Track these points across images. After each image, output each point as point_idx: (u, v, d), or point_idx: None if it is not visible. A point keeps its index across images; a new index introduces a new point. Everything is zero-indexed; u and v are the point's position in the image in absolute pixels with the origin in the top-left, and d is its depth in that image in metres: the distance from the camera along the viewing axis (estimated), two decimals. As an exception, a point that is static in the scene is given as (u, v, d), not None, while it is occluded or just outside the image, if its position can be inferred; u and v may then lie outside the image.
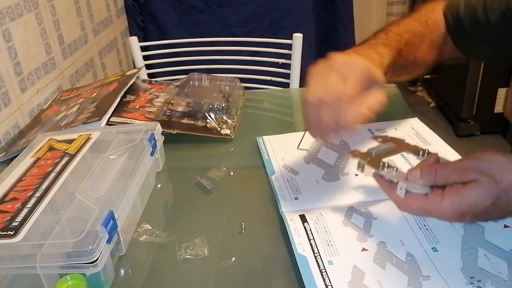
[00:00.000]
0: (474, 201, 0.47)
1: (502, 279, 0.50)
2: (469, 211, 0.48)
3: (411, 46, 0.71)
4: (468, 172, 0.48)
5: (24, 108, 0.98)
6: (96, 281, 0.52)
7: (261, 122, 0.95)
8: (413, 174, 0.52)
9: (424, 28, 0.74)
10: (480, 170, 0.48)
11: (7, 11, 0.94)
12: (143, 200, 0.69)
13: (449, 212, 0.48)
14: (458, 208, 0.48)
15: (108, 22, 1.51)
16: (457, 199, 0.48)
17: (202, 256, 0.58)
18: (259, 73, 1.44)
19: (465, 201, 0.47)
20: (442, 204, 0.48)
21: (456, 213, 0.48)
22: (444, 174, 0.50)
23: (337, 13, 2.03)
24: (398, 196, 0.52)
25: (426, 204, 0.50)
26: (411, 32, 0.72)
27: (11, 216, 0.57)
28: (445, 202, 0.48)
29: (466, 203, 0.48)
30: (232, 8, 1.71)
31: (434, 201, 0.49)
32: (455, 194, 0.48)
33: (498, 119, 2.24)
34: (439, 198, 0.49)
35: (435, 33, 0.75)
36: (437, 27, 0.75)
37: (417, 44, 0.72)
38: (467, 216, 0.49)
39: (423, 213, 0.53)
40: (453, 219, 0.50)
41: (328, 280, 0.51)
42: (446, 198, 0.48)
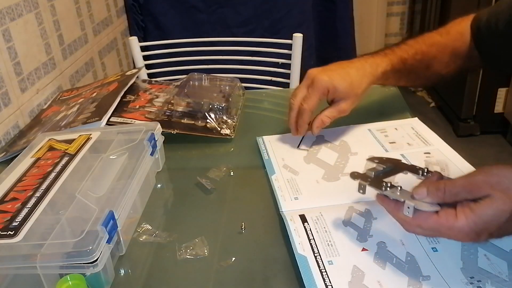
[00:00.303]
0: (490, 219, 0.45)
1: (502, 279, 0.50)
2: (485, 229, 0.46)
3: (424, 54, 0.78)
4: (479, 188, 0.46)
5: (24, 108, 0.98)
6: (96, 281, 0.52)
7: (261, 122, 0.94)
8: (419, 192, 0.49)
9: (444, 39, 0.79)
10: (491, 186, 0.46)
11: (7, 11, 0.94)
12: (143, 200, 0.69)
13: (465, 232, 0.46)
14: (473, 227, 0.46)
15: (108, 22, 1.51)
16: (472, 218, 0.46)
17: (202, 256, 0.58)
18: (259, 73, 1.44)
19: (480, 219, 0.46)
20: (456, 225, 0.46)
21: (471, 232, 0.46)
22: (454, 191, 0.48)
23: (337, 13, 2.03)
24: (406, 216, 0.50)
25: (438, 223, 0.48)
26: (427, 42, 0.79)
27: (11, 216, 0.57)
28: (459, 222, 0.46)
29: (481, 221, 0.46)
30: (232, 8, 1.71)
31: (447, 221, 0.47)
32: (468, 213, 0.46)
33: (498, 119, 2.24)
34: (452, 217, 0.47)
35: (459, 41, 0.78)
36: (461, 36, 0.78)
37: (433, 53, 0.78)
38: (483, 235, 0.47)
39: (435, 234, 0.50)
40: (468, 239, 0.47)
41: (328, 280, 0.51)
42: (460, 218, 0.46)
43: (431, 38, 0.80)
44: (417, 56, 0.78)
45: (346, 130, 0.83)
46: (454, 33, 0.79)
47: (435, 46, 0.79)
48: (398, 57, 0.78)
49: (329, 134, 0.82)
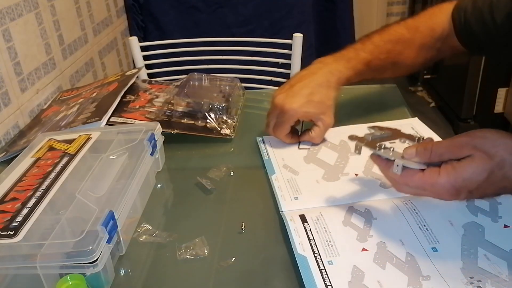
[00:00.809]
0: (469, 176, 0.49)
1: (502, 279, 0.50)
2: (464, 186, 0.49)
3: (389, 53, 0.80)
4: (462, 149, 0.50)
5: (24, 108, 0.98)
6: (96, 281, 0.52)
7: (261, 122, 0.94)
8: (409, 152, 0.53)
9: (411, 35, 0.80)
10: (474, 146, 0.49)
11: (7, 11, 0.94)
12: (143, 200, 0.69)
13: (446, 188, 0.50)
14: (453, 183, 0.49)
15: (108, 22, 1.51)
16: (453, 174, 0.49)
17: (202, 256, 0.58)
18: (259, 73, 1.44)
19: (460, 176, 0.49)
20: (438, 181, 0.50)
21: (452, 188, 0.49)
22: (439, 152, 0.51)
23: (337, 13, 2.03)
24: (395, 174, 0.54)
25: (422, 180, 0.51)
26: (393, 39, 0.80)
27: (11, 216, 0.57)
28: (441, 178, 0.50)
29: (461, 179, 0.49)
30: (232, 8, 1.71)
31: (430, 177, 0.51)
32: (450, 170, 0.49)
33: (498, 119, 2.24)
34: (435, 174, 0.50)
35: (428, 37, 0.80)
36: (431, 31, 0.79)
37: (398, 49, 0.80)
38: (463, 192, 0.50)
39: (420, 191, 0.53)
40: (449, 196, 0.51)
41: (328, 280, 0.51)
42: (442, 174, 0.50)
43: (398, 34, 0.80)
44: (382, 55, 0.79)
45: (346, 130, 0.83)
46: (424, 29, 0.80)
47: (401, 43, 0.80)
48: (362, 60, 0.78)
49: (329, 134, 0.82)
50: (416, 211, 0.60)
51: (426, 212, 0.59)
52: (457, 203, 0.61)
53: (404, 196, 0.62)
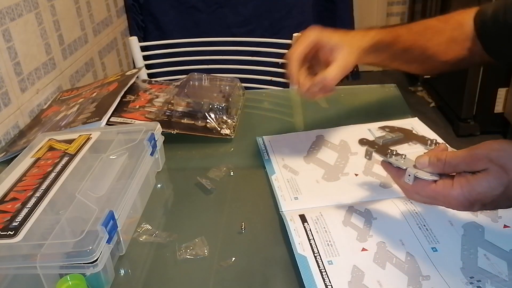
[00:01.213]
0: (484, 191, 0.47)
1: (502, 279, 0.50)
2: (479, 199, 0.48)
3: (420, 35, 0.76)
4: (478, 162, 0.48)
5: (24, 108, 0.98)
6: (96, 281, 0.52)
7: (261, 122, 0.95)
8: (421, 162, 0.52)
9: (442, 24, 0.78)
10: (490, 160, 0.47)
11: (7, 11, 0.94)
12: (143, 200, 0.69)
13: (459, 201, 0.49)
14: (468, 197, 0.48)
15: (108, 22, 1.51)
16: (467, 188, 0.48)
17: (202, 256, 0.58)
18: (259, 73, 1.44)
19: (474, 190, 0.48)
20: (452, 193, 0.49)
21: (465, 201, 0.48)
22: (454, 163, 0.50)
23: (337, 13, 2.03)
24: (406, 184, 0.53)
25: (435, 192, 0.50)
26: (423, 25, 0.78)
27: (11, 216, 0.57)
28: (454, 190, 0.48)
29: (476, 192, 0.48)
30: (232, 8, 1.71)
31: (443, 189, 0.49)
32: (464, 183, 0.48)
33: (498, 119, 2.24)
34: (449, 186, 0.49)
35: (457, 31, 0.77)
36: (460, 25, 0.77)
37: (429, 35, 0.76)
38: (476, 204, 0.49)
39: (432, 201, 0.52)
40: (462, 208, 0.50)
41: (328, 280, 0.51)
42: (456, 187, 0.48)
43: (428, 22, 0.78)
44: (411, 35, 0.76)
45: (346, 130, 0.83)
46: (453, 22, 0.78)
47: (431, 29, 0.77)
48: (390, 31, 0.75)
49: (329, 134, 0.82)
50: (416, 211, 0.60)
51: (426, 212, 0.59)
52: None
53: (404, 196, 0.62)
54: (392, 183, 0.67)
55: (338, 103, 1.00)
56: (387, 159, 0.55)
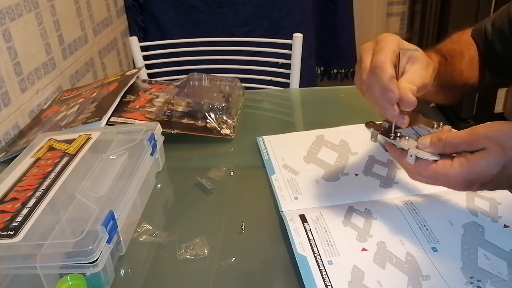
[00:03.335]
0: (482, 169, 0.48)
1: (502, 279, 0.50)
2: (477, 179, 0.49)
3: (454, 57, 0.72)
4: (477, 141, 0.49)
5: (24, 108, 0.98)
6: (96, 281, 0.52)
7: (261, 122, 0.95)
8: (423, 142, 0.53)
9: (459, 46, 0.75)
10: (490, 139, 0.48)
11: (7, 11, 0.94)
12: (143, 200, 0.69)
13: (458, 180, 0.49)
14: (466, 176, 0.49)
15: (108, 22, 1.52)
16: (465, 167, 0.49)
17: (202, 256, 0.58)
18: (259, 73, 1.44)
19: (473, 169, 0.48)
20: (451, 172, 0.49)
21: (464, 181, 0.49)
22: (454, 143, 0.50)
23: (337, 13, 2.03)
24: (409, 164, 0.53)
25: (435, 171, 0.51)
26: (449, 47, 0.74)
27: (11, 216, 0.57)
28: (453, 169, 0.49)
29: (474, 171, 0.48)
30: (232, 8, 1.71)
31: (443, 168, 0.50)
32: (463, 162, 0.49)
33: (498, 119, 2.21)
34: (448, 165, 0.50)
35: (471, 50, 0.76)
36: (471, 45, 0.76)
37: (459, 57, 0.73)
38: (475, 184, 0.49)
39: (432, 181, 0.53)
40: (461, 187, 0.50)
41: (328, 280, 0.51)
42: (455, 166, 0.49)
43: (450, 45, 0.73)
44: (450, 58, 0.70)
45: (346, 130, 0.83)
46: (465, 42, 0.76)
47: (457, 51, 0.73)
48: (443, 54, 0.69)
49: (329, 134, 0.82)
50: (416, 211, 0.60)
51: (426, 212, 0.59)
52: (457, 203, 0.61)
53: (404, 196, 0.63)
54: (392, 183, 0.67)
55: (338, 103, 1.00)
56: (391, 140, 0.56)
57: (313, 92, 1.22)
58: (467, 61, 0.74)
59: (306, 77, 1.70)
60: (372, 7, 2.68)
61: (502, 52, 0.72)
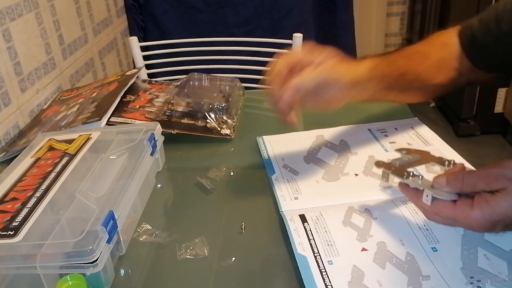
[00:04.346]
0: (505, 211, 0.46)
1: (502, 279, 0.50)
2: (500, 220, 0.47)
3: (411, 60, 0.73)
4: (496, 180, 0.47)
5: (24, 108, 0.98)
6: (96, 281, 0.52)
7: (261, 122, 0.94)
8: (439, 182, 0.50)
9: (428, 47, 0.75)
10: (509, 178, 0.47)
11: (7, 11, 0.94)
12: (143, 200, 0.69)
13: (479, 222, 0.48)
14: (488, 218, 0.47)
15: (108, 22, 1.52)
16: (487, 209, 0.47)
17: (202, 256, 0.58)
18: (259, 73, 1.44)
19: (495, 211, 0.47)
20: (472, 214, 0.47)
21: (486, 223, 0.47)
22: (471, 182, 0.49)
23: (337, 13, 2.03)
24: (425, 204, 0.51)
25: (455, 212, 0.49)
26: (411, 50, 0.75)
27: (11, 216, 0.57)
28: (474, 212, 0.47)
29: (496, 213, 0.47)
30: (232, 8, 1.71)
31: (463, 210, 0.48)
32: (484, 204, 0.47)
33: (498, 119, 2.24)
34: (469, 207, 0.48)
35: (443, 51, 0.75)
36: (445, 46, 0.75)
37: (419, 59, 0.74)
38: (498, 225, 0.48)
39: (452, 222, 0.51)
40: (483, 229, 0.49)
41: (328, 280, 0.51)
42: (476, 208, 0.47)
43: (415, 47, 0.76)
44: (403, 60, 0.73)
45: (346, 130, 0.83)
46: (438, 43, 0.76)
47: (419, 53, 0.75)
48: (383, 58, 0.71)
49: (329, 134, 0.82)
50: (416, 211, 0.60)
51: (426, 212, 0.59)
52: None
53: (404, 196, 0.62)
54: (392, 183, 0.67)
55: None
56: (404, 180, 0.54)
57: (313, 92, 1.21)
58: (432, 62, 0.74)
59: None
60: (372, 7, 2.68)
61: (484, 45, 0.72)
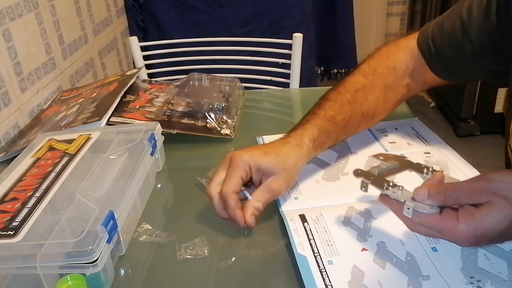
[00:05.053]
0: (490, 226, 0.46)
1: (502, 279, 0.50)
2: (485, 235, 0.46)
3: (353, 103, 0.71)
4: (480, 194, 0.47)
5: (24, 108, 0.98)
6: (96, 281, 0.52)
7: (261, 122, 0.94)
8: (420, 194, 0.49)
9: (370, 79, 0.73)
10: (493, 192, 0.46)
11: (7, 11, 0.94)
12: (143, 200, 0.69)
13: (465, 236, 0.47)
14: (474, 233, 0.46)
15: (108, 22, 1.52)
16: (472, 224, 0.46)
17: (202, 256, 0.58)
18: (259, 73, 1.44)
19: (480, 226, 0.46)
20: (457, 228, 0.47)
21: (471, 237, 0.47)
22: (454, 196, 0.48)
23: (337, 13, 2.03)
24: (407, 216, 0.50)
25: (439, 225, 0.48)
26: (351, 90, 0.72)
27: (11, 216, 0.57)
28: (460, 226, 0.47)
29: (482, 227, 0.46)
30: (232, 8, 1.71)
31: (448, 223, 0.47)
32: (469, 219, 0.46)
33: (498, 119, 2.24)
34: (454, 220, 0.47)
35: (390, 77, 0.74)
36: (393, 70, 0.74)
37: (363, 98, 0.72)
38: (483, 240, 0.47)
39: (436, 234, 0.50)
40: (469, 244, 0.48)
41: (328, 280, 0.51)
42: (461, 223, 0.47)
43: (355, 84, 0.73)
44: (345, 107, 0.70)
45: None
46: (383, 70, 0.74)
47: (362, 90, 0.72)
48: (323, 117, 0.69)
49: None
50: (416, 211, 0.60)
51: (426, 212, 0.59)
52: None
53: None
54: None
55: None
56: (384, 191, 0.53)
57: (313, 92, 1.21)
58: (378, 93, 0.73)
59: (306, 77, 1.70)
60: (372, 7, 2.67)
61: (453, 59, 0.70)
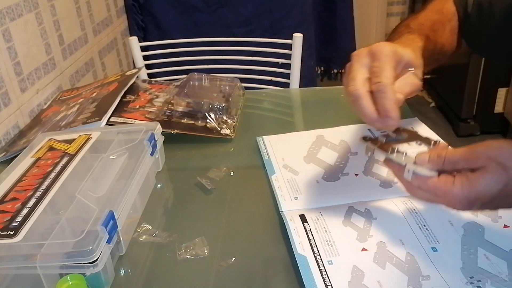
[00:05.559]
0: (483, 189, 0.47)
1: (502, 279, 0.50)
2: (478, 198, 0.48)
3: (435, 32, 0.71)
4: (477, 159, 0.48)
5: (24, 108, 0.98)
6: (96, 281, 0.52)
7: (261, 122, 0.95)
8: (421, 158, 0.51)
9: (440, 17, 0.74)
10: (489, 157, 0.47)
11: (7, 11, 0.94)
12: (143, 200, 0.69)
13: (458, 199, 0.48)
14: (467, 195, 0.48)
15: (108, 22, 1.51)
16: (467, 186, 0.47)
17: (202, 256, 0.58)
18: (259, 73, 1.44)
19: (474, 188, 0.47)
20: (452, 190, 0.48)
21: (464, 200, 0.48)
22: (453, 160, 0.49)
23: (337, 13, 2.03)
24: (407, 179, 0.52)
25: (435, 187, 0.50)
26: (430, 20, 0.72)
27: (11, 216, 0.57)
28: (455, 188, 0.48)
29: (475, 190, 0.47)
30: (232, 8, 1.71)
31: (444, 185, 0.49)
32: (464, 181, 0.48)
33: (498, 119, 2.24)
34: (450, 183, 0.48)
35: (453, 21, 0.75)
36: (453, 15, 0.75)
37: (441, 30, 0.72)
38: (476, 204, 0.48)
39: (432, 197, 0.51)
40: (462, 207, 0.49)
41: (328, 280, 0.51)
42: (456, 185, 0.48)
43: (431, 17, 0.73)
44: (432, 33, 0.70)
45: (346, 130, 0.83)
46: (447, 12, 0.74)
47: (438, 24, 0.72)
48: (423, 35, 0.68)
49: (329, 134, 0.82)
50: (416, 211, 0.60)
51: (426, 212, 0.59)
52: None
53: (404, 196, 0.62)
54: (392, 183, 0.67)
55: (338, 103, 1.00)
56: (388, 156, 0.55)
57: (313, 92, 1.22)
58: (447, 33, 0.74)
59: (306, 77, 1.70)
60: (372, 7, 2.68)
61: (478, 25, 0.71)
